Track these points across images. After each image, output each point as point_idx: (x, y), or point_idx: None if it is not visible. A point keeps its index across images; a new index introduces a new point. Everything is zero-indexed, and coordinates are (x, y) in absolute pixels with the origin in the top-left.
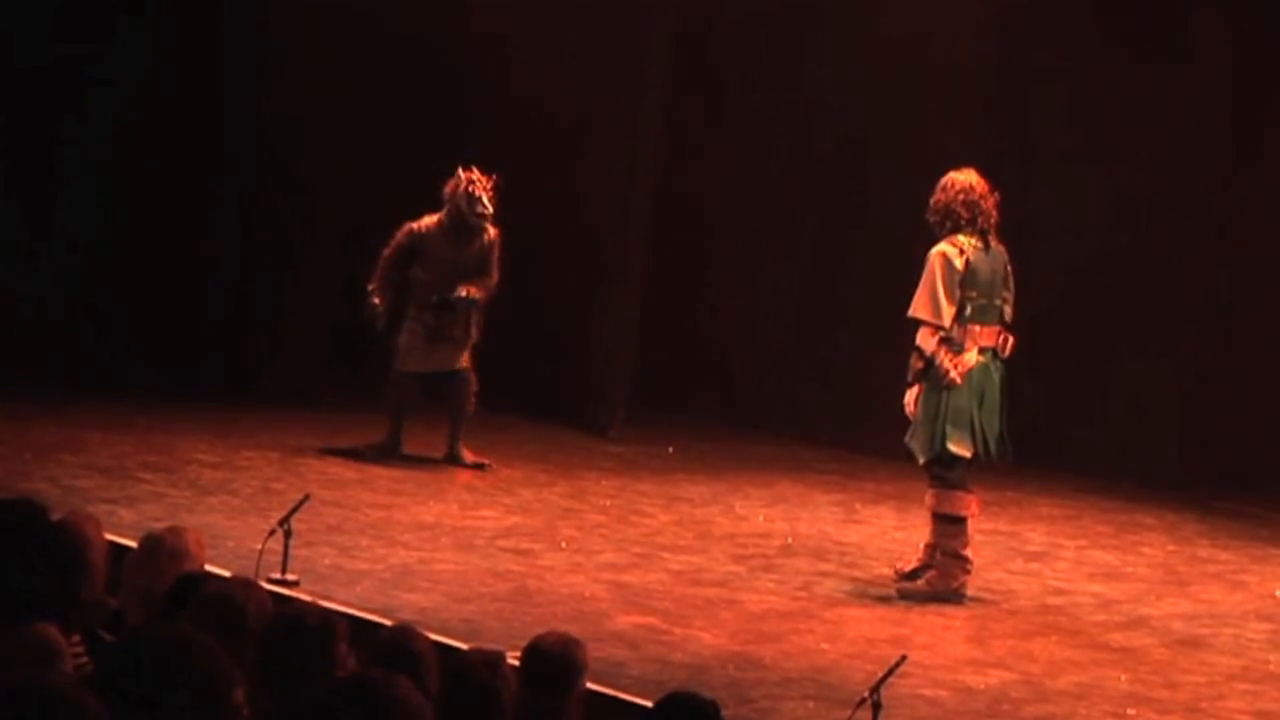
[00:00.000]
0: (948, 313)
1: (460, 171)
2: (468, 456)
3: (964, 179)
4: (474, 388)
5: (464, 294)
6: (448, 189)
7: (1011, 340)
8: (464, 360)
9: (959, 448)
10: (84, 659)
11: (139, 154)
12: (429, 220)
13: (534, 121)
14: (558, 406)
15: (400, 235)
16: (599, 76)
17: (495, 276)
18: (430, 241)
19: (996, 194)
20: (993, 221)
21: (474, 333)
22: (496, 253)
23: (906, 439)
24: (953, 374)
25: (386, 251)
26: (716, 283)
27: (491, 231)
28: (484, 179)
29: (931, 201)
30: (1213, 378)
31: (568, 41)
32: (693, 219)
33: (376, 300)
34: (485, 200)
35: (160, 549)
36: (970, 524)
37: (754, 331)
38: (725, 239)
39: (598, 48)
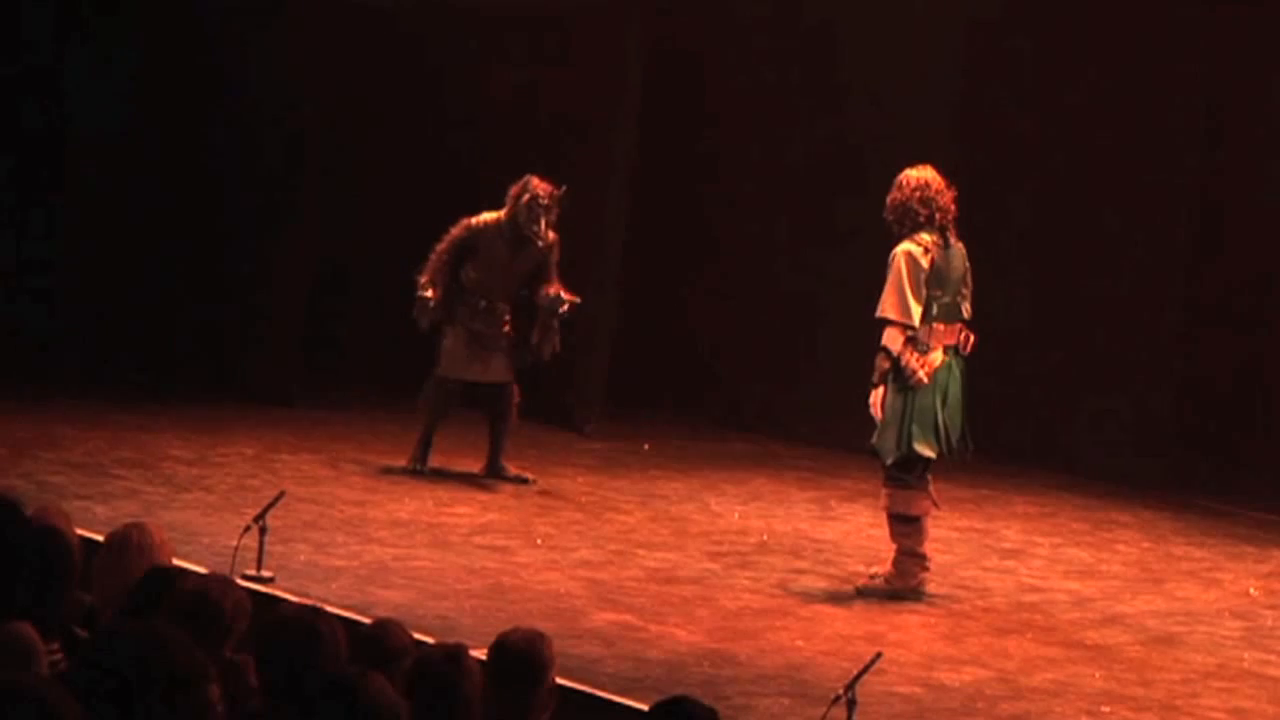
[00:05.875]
0: (916, 312)
1: (531, 180)
2: (510, 469)
3: (919, 176)
4: (517, 400)
5: (553, 293)
6: (513, 191)
7: (973, 338)
8: (508, 373)
9: (924, 449)
10: (59, 656)
11: (118, 153)
12: (488, 217)
13: (512, 119)
14: (534, 403)
15: (457, 230)
16: (578, 71)
17: (556, 283)
18: (486, 240)
19: (953, 189)
20: (951, 217)
21: (555, 342)
22: (556, 257)
23: (873, 440)
24: (919, 374)
25: (441, 246)
26: (692, 281)
27: (551, 235)
28: (552, 193)
29: (888, 200)
30: (1187, 376)
31: (548, 37)
32: (669, 217)
33: (429, 294)
34: (543, 225)
35: (128, 544)
36: (926, 522)
37: (730, 329)
38: (701, 238)
39: (578, 43)
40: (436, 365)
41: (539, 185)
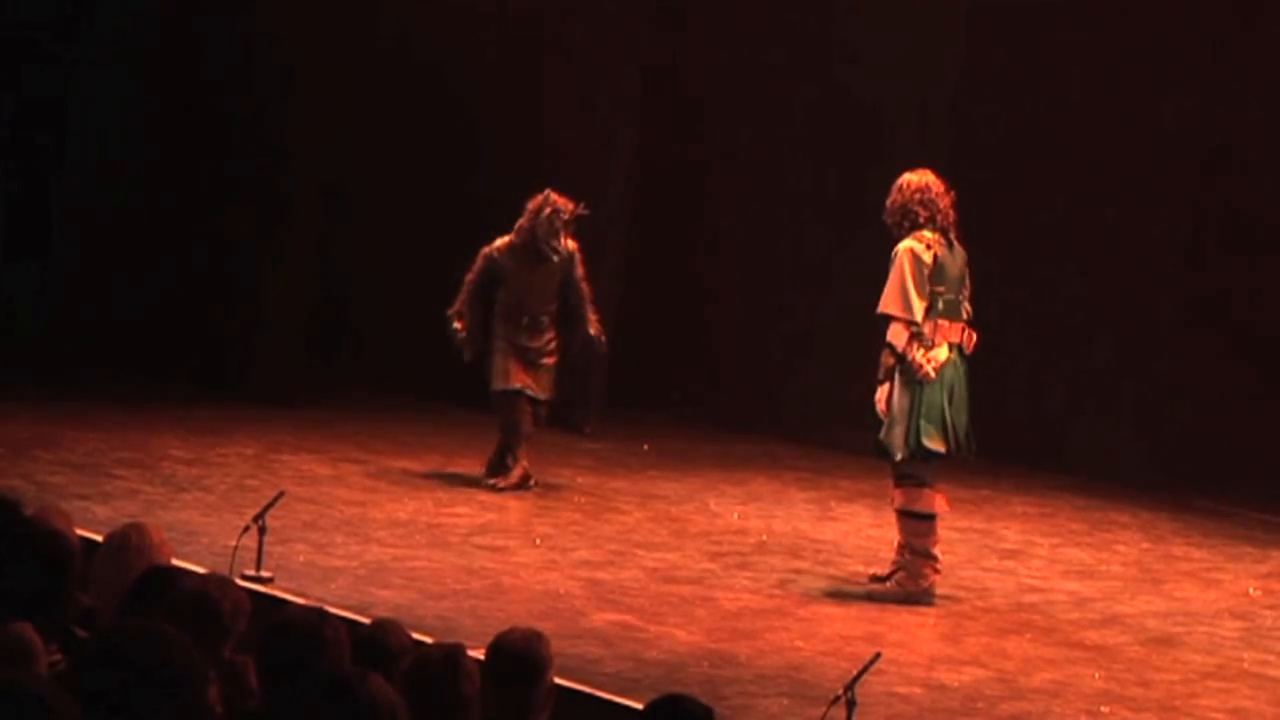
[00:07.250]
0: (919, 308)
1: (551, 194)
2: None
3: (919, 179)
4: (545, 418)
5: (594, 333)
6: (531, 205)
7: (975, 337)
8: (550, 391)
9: (934, 443)
10: (58, 658)
11: (117, 153)
12: (501, 242)
13: (513, 117)
14: None
15: (478, 261)
16: (579, 69)
17: (587, 287)
18: (505, 264)
19: (953, 194)
20: (951, 220)
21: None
22: (579, 259)
23: (881, 436)
24: (926, 369)
25: (468, 277)
26: (693, 282)
27: (571, 244)
28: (570, 208)
29: (888, 203)
30: (1186, 376)
31: (549, 36)
32: (670, 219)
33: (457, 325)
34: (561, 239)
35: (127, 544)
36: (938, 522)
37: (729, 329)
38: (702, 240)
39: (577, 41)
40: (491, 384)
41: (560, 200)
